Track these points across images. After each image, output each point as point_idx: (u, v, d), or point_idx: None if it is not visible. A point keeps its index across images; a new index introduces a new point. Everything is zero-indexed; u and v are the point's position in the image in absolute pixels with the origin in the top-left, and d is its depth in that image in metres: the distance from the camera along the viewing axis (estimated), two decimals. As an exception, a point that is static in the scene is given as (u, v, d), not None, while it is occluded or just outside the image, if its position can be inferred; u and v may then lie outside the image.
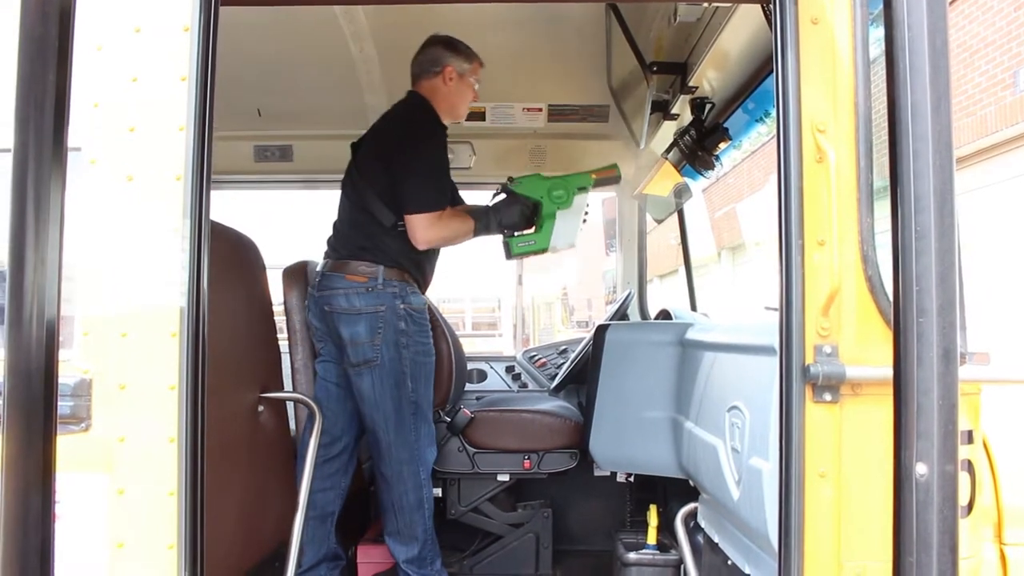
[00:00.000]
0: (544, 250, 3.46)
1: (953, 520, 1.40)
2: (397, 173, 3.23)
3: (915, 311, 1.41)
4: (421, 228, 3.23)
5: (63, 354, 1.77)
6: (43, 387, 1.18)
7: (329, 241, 3.42)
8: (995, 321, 8.12)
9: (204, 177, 1.80)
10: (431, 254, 3.45)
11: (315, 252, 3.56)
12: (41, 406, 1.18)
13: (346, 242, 3.32)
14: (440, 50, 3.46)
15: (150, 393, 1.77)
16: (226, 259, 2.54)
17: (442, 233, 3.32)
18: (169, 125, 1.81)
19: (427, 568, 3.30)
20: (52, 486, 1.19)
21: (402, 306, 3.25)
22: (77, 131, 1.80)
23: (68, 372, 1.77)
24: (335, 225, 3.46)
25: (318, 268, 3.34)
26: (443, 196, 3.30)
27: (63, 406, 1.75)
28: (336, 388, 3.33)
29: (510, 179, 3.46)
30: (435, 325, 3.52)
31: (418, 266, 3.39)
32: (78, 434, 1.76)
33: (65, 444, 1.73)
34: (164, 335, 1.78)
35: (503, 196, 3.46)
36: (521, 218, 3.42)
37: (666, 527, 3.31)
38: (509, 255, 3.51)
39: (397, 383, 3.22)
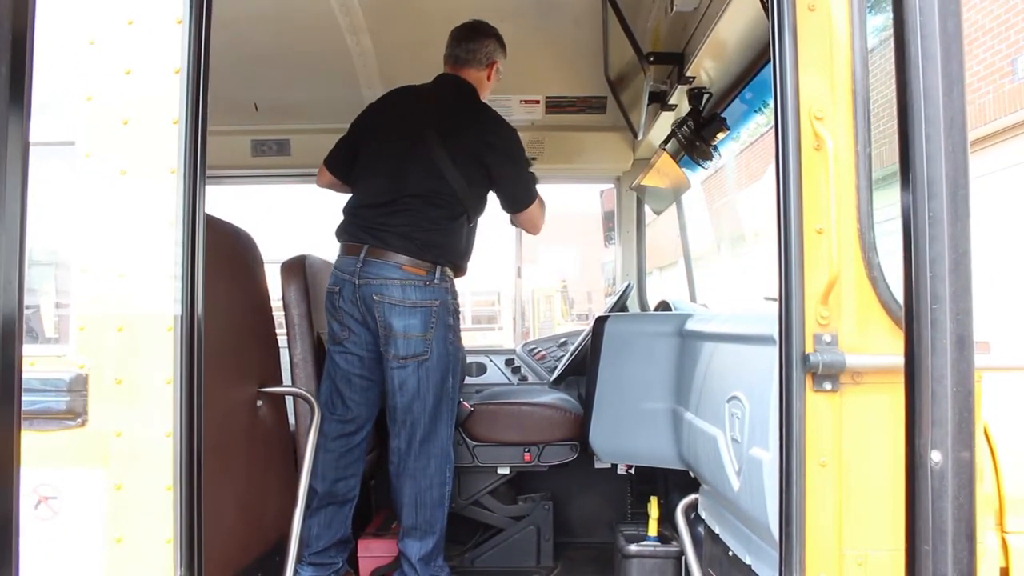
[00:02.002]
0: None
1: (969, 508, 1.39)
2: (505, 176, 3.39)
3: (929, 298, 1.39)
4: (539, 215, 3.56)
5: (59, 349, 1.78)
6: (1, 383, 1.15)
7: (362, 225, 3.27)
8: (995, 309, 8.12)
9: (198, 170, 1.79)
10: (473, 247, 3.53)
11: (312, 246, 3.54)
12: (-1, 402, 1.15)
13: (401, 231, 3.20)
14: (495, 45, 3.53)
15: (146, 388, 1.77)
16: (223, 253, 2.53)
17: (544, 213, 3.61)
18: (163, 118, 1.80)
19: (432, 564, 3.29)
20: (14, 486, 1.16)
21: (452, 301, 3.29)
22: (71, 125, 1.80)
23: (64, 367, 1.77)
24: (368, 209, 3.29)
25: (361, 255, 3.20)
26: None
27: (59, 401, 1.75)
28: (359, 379, 3.29)
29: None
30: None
31: (465, 261, 3.45)
32: (75, 429, 1.76)
33: (62, 439, 1.74)
34: (160, 329, 1.77)
35: None
36: None
37: (667, 519, 3.31)
38: None
39: (443, 378, 3.24)
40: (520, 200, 3.47)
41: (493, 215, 3.57)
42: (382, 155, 3.35)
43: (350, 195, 3.47)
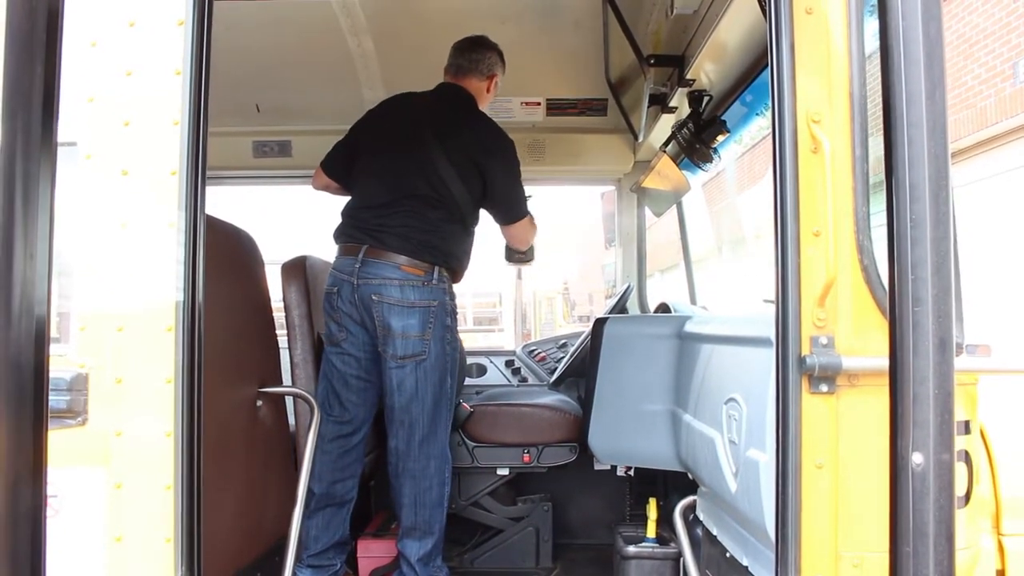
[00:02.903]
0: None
1: (949, 509, 1.40)
2: (499, 184, 3.39)
3: (911, 300, 1.40)
4: (527, 230, 3.62)
5: (60, 349, 1.79)
6: (33, 380, 1.18)
7: (360, 226, 3.29)
8: (995, 312, 8.12)
9: (199, 171, 1.80)
10: (470, 255, 3.53)
11: (313, 247, 3.55)
12: (31, 399, 1.18)
13: (399, 231, 3.22)
14: (496, 58, 3.56)
15: (147, 387, 1.77)
16: (224, 254, 2.54)
17: (534, 232, 3.70)
18: (164, 119, 1.81)
19: (431, 564, 3.30)
20: (43, 479, 1.19)
21: (450, 302, 3.31)
22: (73, 126, 1.81)
23: (65, 367, 1.77)
24: (366, 211, 3.32)
25: (360, 255, 3.22)
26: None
27: (60, 400, 1.76)
28: (356, 380, 3.30)
29: None
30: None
31: (462, 267, 3.46)
32: (75, 428, 1.77)
33: (62, 439, 1.74)
34: (160, 330, 1.78)
35: None
36: None
37: (666, 520, 3.32)
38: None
39: (440, 378, 3.25)
40: (511, 212, 3.49)
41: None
42: (381, 158, 3.36)
43: (347, 197, 3.49)
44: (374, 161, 3.39)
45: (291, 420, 3.09)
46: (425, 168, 3.27)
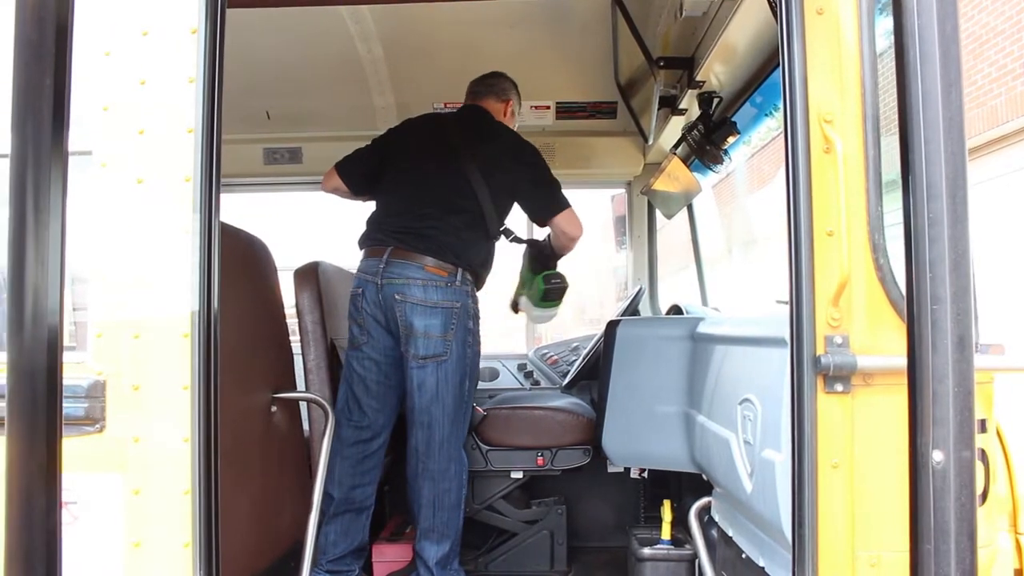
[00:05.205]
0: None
1: (971, 507, 1.39)
2: (529, 181, 3.44)
3: (929, 299, 1.40)
4: (574, 220, 3.50)
5: (77, 356, 1.80)
6: (46, 387, 1.18)
7: (385, 230, 3.34)
8: (1008, 310, 8.07)
9: (213, 178, 1.81)
10: (490, 263, 3.54)
11: (325, 253, 3.56)
12: (44, 406, 1.19)
13: (424, 233, 3.27)
14: (510, 85, 3.68)
15: (164, 394, 1.79)
16: (237, 260, 2.56)
17: (580, 225, 3.57)
18: (178, 127, 1.82)
19: (448, 567, 3.30)
20: (57, 486, 1.20)
21: (473, 305, 3.33)
22: (88, 135, 1.83)
23: (82, 374, 1.79)
24: (392, 218, 3.37)
25: (384, 256, 3.26)
26: None
27: (78, 408, 1.77)
28: (376, 385, 3.32)
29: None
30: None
31: (483, 273, 3.49)
32: (93, 435, 1.78)
33: (80, 445, 1.76)
34: (176, 336, 1.79)
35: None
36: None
37: (680, 522, 3.31)
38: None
39: (461, 380, 3.27)
40: (551, 205, 3.47)
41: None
42: (408, 170, 3.43)
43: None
44: (401, 174, 3.45)
45: (305, 426, 3.09)
46: (452, 174, 3.33)
